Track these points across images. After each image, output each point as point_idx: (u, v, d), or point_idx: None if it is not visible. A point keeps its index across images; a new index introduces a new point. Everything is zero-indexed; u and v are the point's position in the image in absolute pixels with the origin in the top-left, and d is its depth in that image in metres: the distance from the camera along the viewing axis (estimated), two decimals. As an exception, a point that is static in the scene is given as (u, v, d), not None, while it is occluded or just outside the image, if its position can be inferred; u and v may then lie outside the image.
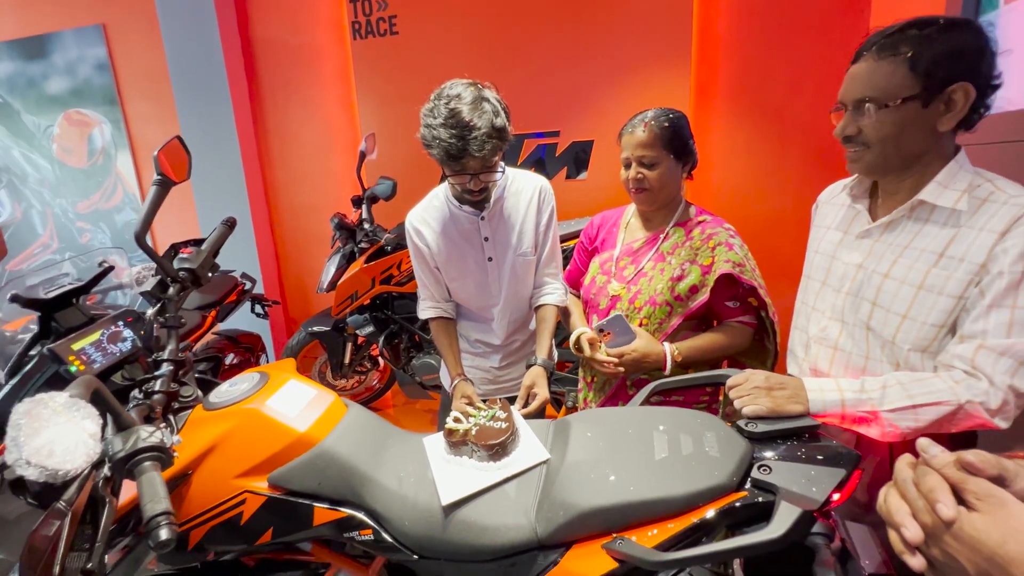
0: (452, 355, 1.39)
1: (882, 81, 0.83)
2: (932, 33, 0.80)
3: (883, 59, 0.83)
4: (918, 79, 0.81)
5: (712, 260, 1.20)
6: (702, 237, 1.23)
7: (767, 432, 0.83)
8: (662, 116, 1.21)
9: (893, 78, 0.82)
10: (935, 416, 0.80)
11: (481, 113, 1.11)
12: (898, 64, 0.82)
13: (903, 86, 0.81)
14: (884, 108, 0.83)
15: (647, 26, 2.43)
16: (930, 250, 0.85)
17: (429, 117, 1.14)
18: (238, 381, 1.02)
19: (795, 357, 1.07)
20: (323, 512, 0.91)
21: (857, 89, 0.86)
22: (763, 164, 2.54)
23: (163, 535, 0.65)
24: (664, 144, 1.20)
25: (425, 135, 1.16)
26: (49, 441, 0.56)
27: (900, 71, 0.81)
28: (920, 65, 0.80)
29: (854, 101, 0.87)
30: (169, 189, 1.11)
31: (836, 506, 0.72)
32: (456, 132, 1.10)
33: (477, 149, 1.10)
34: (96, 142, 3.34)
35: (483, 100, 1.13)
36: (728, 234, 1.23)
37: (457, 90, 1.14)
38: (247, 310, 2.73)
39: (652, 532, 0.75)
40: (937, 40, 0.80)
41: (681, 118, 1.23)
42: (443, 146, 1.11)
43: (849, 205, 1.00)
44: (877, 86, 0.84)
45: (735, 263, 1.18)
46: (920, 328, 0.85)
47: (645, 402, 1.05)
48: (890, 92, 0.82)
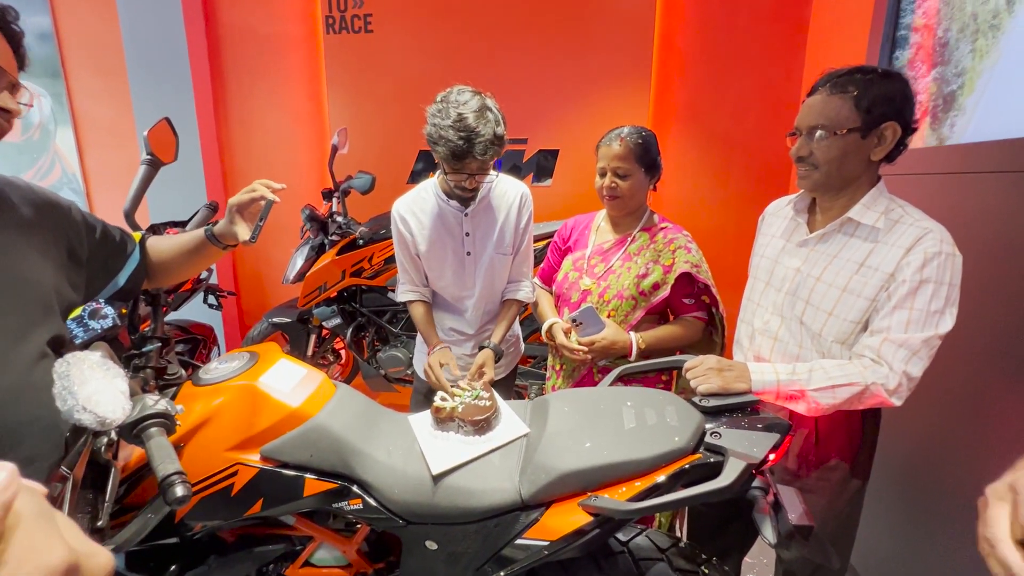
0: (431, 329, 1.51)
1: (832, 112, 1.00)
2: (873, 78, 0.99)
3: (834, 94, 1.01)
4: (860, 115, 0.98)
5: (673, 261, 1.37)
6: (664, 241, 1.40)
7: (717, 406, 0.97)
8: (635, 133, 1.37)
9: (841, 111, 1.00)
10: (848, 395, 0.97)
11: (485, 122, 1.22)
12: (846, 100, 0.99)
13: (848, 119, 0.99)
14: (833, 135, 1.00)
15: (612, 46, 2.61)
16: (853, 260, 1.03)
17: (437, 118, 1.23)
18: (229, 359, 1.05)
19: (741, 346, 1.24)
20: (314, 483, 0.95)
21: (812, 117, 1.03)
22: (710, 182, 2.78)
23: (179, 492, 0.69)
24: (636, 158, 1.35)
25: (432, 133, 1.25)
26: (96, 391, 0.59)
27: (847, 106, 0.99)
28: (863, 103, 0.98)
29: (808, 127, 1.04)
30: (158, 169, 1.12)
31: (772, 464, 0.87)
32: (464, 135, 1.20)
33: (480, 153, 1.22)
34: (33, 115, 3.11)
35: (487, 109, 1.25)
36: (686, 239, 1.41)
37: (465, 96, 1.24)
38: (200, 301, 2.65)
39: (622, 489, 0.86)
40: (876, 85, 0.98)
41: (652, 136, 1.40)
42: (450, 146, 1.22)
43: (792, 217, 1.18)
44: (828, 116, 1.01)
45: (693, 264, 1.36)
46: (842, 324, 1.03)
47: (612, 385, 1.18)
48: (838, 122, 1.00)
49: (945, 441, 1.40)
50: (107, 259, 0.92)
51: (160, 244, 1.02)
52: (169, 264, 1.02)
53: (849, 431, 1.10)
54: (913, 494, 1.51)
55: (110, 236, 0.93)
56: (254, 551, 1.08)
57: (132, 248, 0.96)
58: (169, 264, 1.02)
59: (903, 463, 1.52)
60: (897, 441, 1.42)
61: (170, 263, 1.02)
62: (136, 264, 0.95)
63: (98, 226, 0.91)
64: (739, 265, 1.33)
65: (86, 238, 0.87)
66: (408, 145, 2.86)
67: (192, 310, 2.70)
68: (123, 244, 0.95)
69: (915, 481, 1.50)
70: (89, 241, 0.87)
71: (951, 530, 1.36)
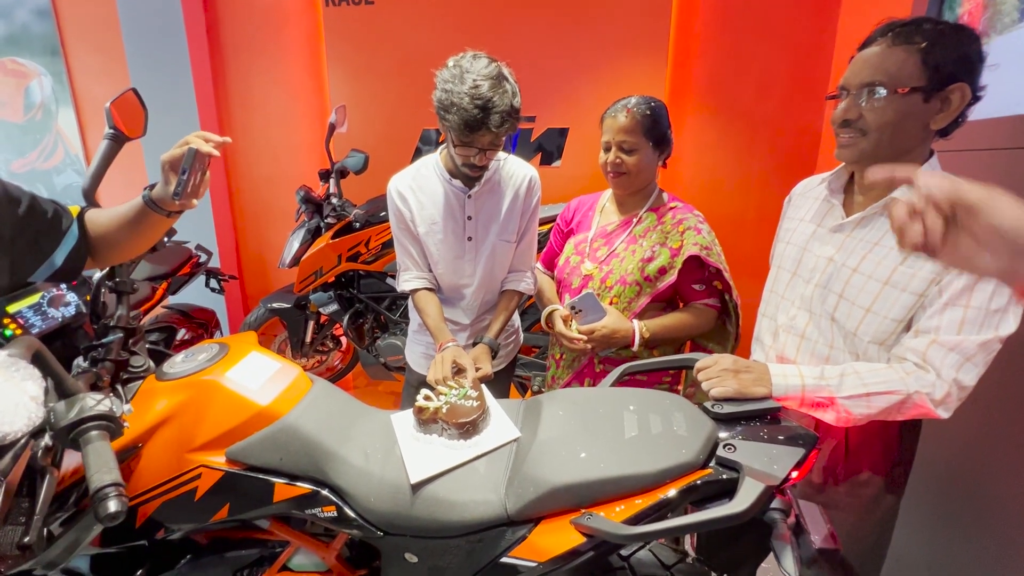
0: (442, 323, 1.34)
1: (893, 67, 0.85)
2: (945, 30, 0.83)
3: (897, 46, 0.85)
4: (927, 71, 0.83)
5: (681, 243, 1.25)
6: (673, 222, 1.28)
7: (732, 413, 0.85)
8: (643, 104, 1.24)
9: (904, 66, 0.84)
10: (886, 404, 0.85)
11: (503, 92, 1.12)
12: (911, 53, 0.83)
13: (912, 75, 0.83)
14: (892, 94, 0.85)
15: (627, 17, 2.44)
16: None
17: (450, 83, 1.12)
18: (195, 352, 0.97)
19: (762, 344, 1.11)
20: (284, 488, 0.88)
21: (867, 73, 0.87)
22: (731, 162, 2.61)
23: (112, 507, 0.61)
24: (644, 131, 1.23)
25: (443, 99, 1.13)
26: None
27: (912, 60, 0.83)
28: (931, 58, 0.82)
29: (861, 84, 0.88)
30: (122, 145, 1.03)
31: (794, 483, 0.75)
32: (480, 104, 1.10)
33: (496, 125, 1.12)
34: (34, 95, 3.07)
35: (504, 78, 1.14)
36: (697, 220, 1.29)
37: (482, 63, 1.14)
38: (201, 285, 2.60)
39: (619, 508, 0.76)
40: (948, 38, 0.82)
41: (661, 107, 1.26)
42: (463, 115, 1.11)
43: (825, 199, 1.03)
44: (888, 71, 0.85)
45: (703, 246, 1.23)
46: (881, 322, 0.89)
47: (615, 384, 1.07)
48: (899, 79, 0.84)
49: (991, 452, 1.26)
50: (37, 237, 0.83)
51: (99, 217, 0.92)
52: (112, 239, 0.92)
53: (884, 442, 0.97)
54: (953, 510, 1.38)
55: (39, 210, 0.84)
56: (228, 555, 1.01)
57: (69, 224, 0.87)
58: (112, 239, 0.92)
59: (942, 475, 1.38)
60: (935, 450, 1.29)
61: (113, 237, 0.92)
62: (75, 241, 0.86)
63: (23, 199, 0.82)
64: (761, 253, 1.19)
65: (7, 214, 0.78)
66: (411, 122, 2.74)
67: (195, 295, 2.66)
68: (57, 219, 0.86)
69: (954, 495, 1.37)
70: (11, 217, 0.78)
71: (994, 549, 1.23)
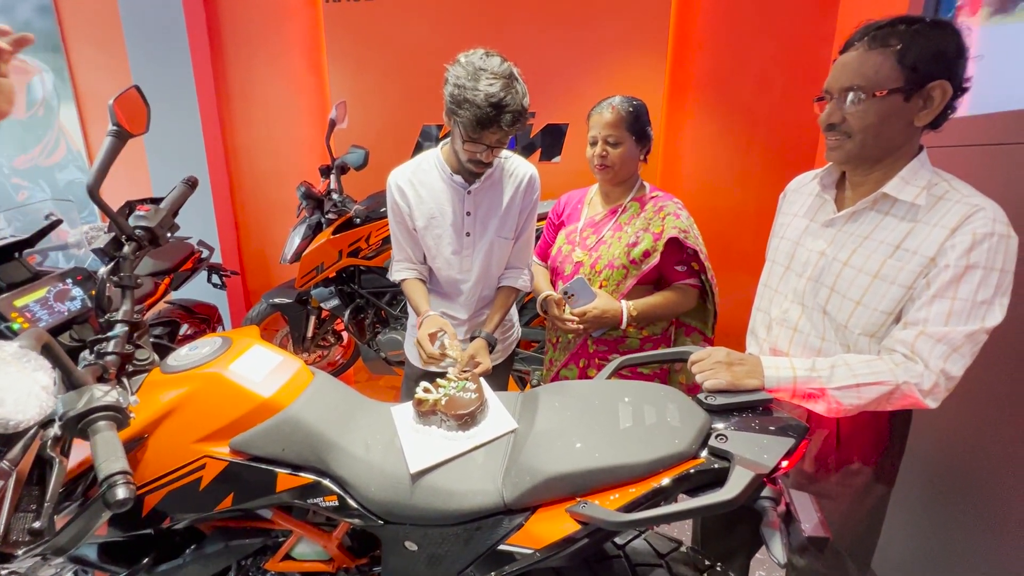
0: (423, 298, 1.36)
1: (870, 71, 0.86)
2: (920, 29, 0.84)
3: (873, 50, 0.86)
4: (903, 72, 0.84)
5: (662, 228, 1.36)
6: (654, 209, 1.41)
7: (724, 405, 0.87)
8: (626, 102, 1.37)
9: (881, 69, 0.85)
10: (875, 395, 0.86)
11: (515, 92, 1.15)
12: (887, 56, 0.85)
13: (889, 78, 0.85)
14: (871, 98, 0.86)
15: (627, 13, 2.44)
16: (888, 242, 0.90)
17: (464, 79, 1.13)
18: (199, 345, 0.99)
19: (756, 337, 1.13)
20: (286, 478, 0.90)
21: (846, 77, 0.89)
22: (730, 158, 2.61)
23: (120, 494, 0.63)
24: (627, 126, 1.35)
25: (456, 95, 1.14)
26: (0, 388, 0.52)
27: (888, 63, 0.85)
28: (907, 59, 0.84)
29: (841, 89, 0.90)
30: (125, 141, 1.04)
31: (785, 472, 0.77)
32: (494, 102, 1.12)
33: (508, 123, 1.15)
34: (36, 92, 3.08)
35: (515, 79, 1.17)
36: (676, 206, 1.42)
37: (495, 61, 1.16)
38: (203, 280, 2.62)
39: (614, 496, 0.78)
40: (924, 37, 0.83)
41: (642, 106, 1.39)
42: (476, 112, 1.13)
43: (817, 194, 1.04)
44: (866, 75, 0.87)
45: (681, 229, 1.35)
46: (871, 314, 0.91)
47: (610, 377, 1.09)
48: (877, 82, 0.86)
49: (980, 442, 1.28)
50: None
51: None
52: None
53: (875, 432, 0.99)
54: (942, 499, 1.40)
55: None
56: (232, 544, 1.03)
57: None
58: None
59: (931, 465, 1.40)
60: (925, 440, 1.31)
61: None
62: None
63: None
64: (760, 248, 1.20)
65: None
66: (412, 118, 2.75)
67: (197, 290, 2.68)
68: None
69: (943, 485, 1.39)
70: None
71: (982, 539, 1.25)
